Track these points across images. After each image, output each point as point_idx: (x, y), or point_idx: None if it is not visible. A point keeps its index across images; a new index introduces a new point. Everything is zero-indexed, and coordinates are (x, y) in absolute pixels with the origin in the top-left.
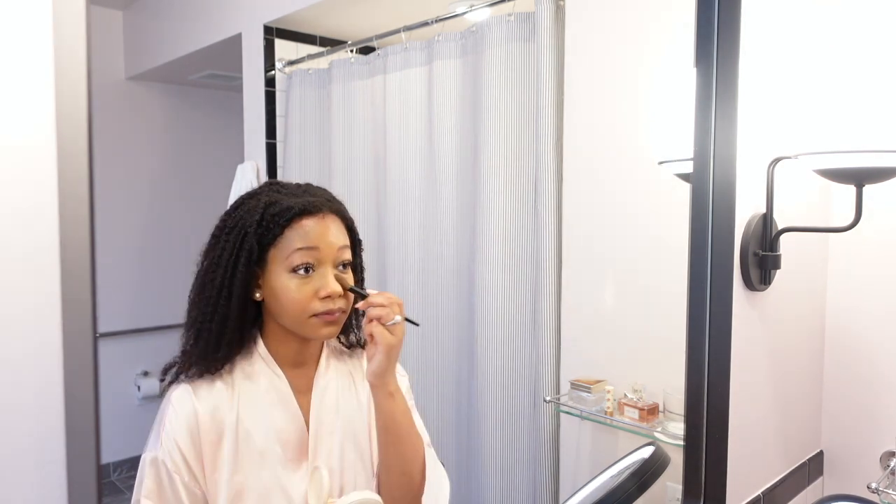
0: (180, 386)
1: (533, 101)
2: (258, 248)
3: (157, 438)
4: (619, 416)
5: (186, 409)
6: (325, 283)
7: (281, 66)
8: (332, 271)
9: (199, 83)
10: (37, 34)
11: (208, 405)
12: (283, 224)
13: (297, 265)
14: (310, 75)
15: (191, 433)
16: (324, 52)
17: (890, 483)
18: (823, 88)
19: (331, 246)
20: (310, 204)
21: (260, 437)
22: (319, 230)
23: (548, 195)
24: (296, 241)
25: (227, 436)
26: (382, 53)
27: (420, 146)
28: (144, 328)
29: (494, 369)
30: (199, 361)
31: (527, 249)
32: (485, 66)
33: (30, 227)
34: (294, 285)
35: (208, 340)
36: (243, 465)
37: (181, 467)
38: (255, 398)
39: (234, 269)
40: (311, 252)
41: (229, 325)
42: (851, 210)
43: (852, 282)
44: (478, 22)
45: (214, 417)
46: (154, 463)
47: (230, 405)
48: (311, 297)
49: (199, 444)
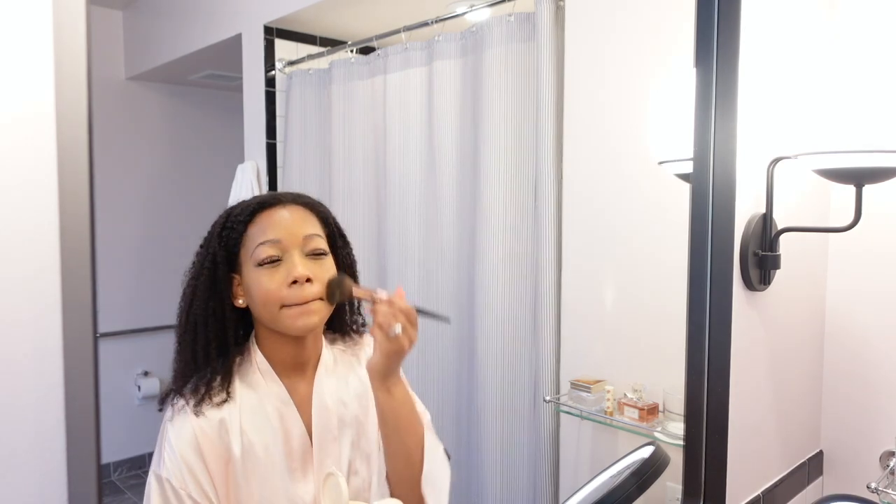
0: (179, 402)
1: (533, 101)
2: (225, 252)
3: (160, 456)
4: (619, 416)
5: (188, 425)
6: (291, 268)
7: (281, 66)
8: (299, 259)
9: (199, 83)
10: (37, 34)
11: (210, 419)
12: (244, 221)
13: (262, 259)
14: (310, 75)
15: (194, 448)
16: (324, 52)
17: (890, 483)
18: (823, 88)
19: (293, 234)
20: (269, 198)
21: (263, 449)
22: (278, 220)
23: (548, 195)
24: (258, 236)
25: (233, 449)
26: (382, 53)
27: (420, 146)
28: (144, 328)
29: (494, 369)
30: (195, 377)
31: (527, 249)
32: (485, 67)
33: (30, 228)
34: (263, 277)
35: (196, 353)
36: (250, 478)
37: (188, 483)
38: (257, 408)
39: (208, 279)
40: (275, 244)
41: (214, 334)
42: (851, 210)
43: (852, 282)
44: (478, 22)
45: (218, 431)
46: (159, 481)
47: (233, 417)
48: (279, 286)
49: (204, 458)
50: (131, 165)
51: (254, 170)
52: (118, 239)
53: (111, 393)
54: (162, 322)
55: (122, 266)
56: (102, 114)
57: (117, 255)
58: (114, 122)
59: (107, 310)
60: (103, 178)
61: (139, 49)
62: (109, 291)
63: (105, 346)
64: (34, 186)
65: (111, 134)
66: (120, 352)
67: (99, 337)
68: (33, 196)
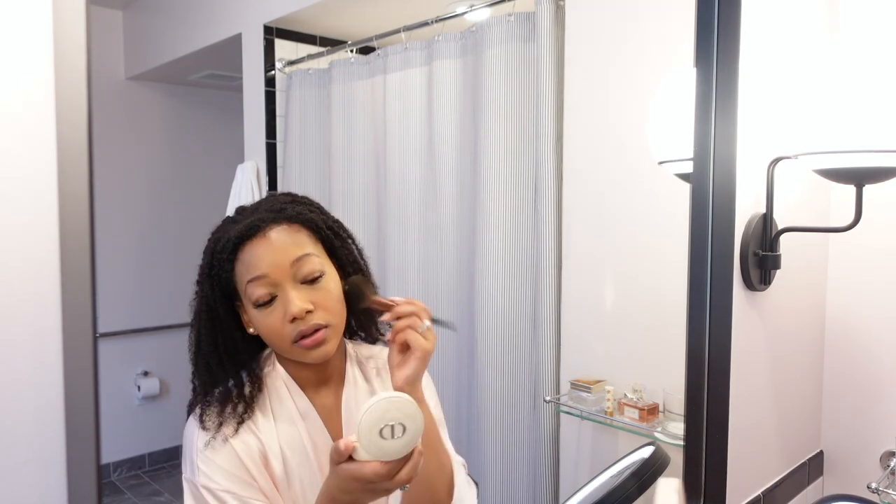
0: (207, 421)
1: (533, 101)
2: (220, 291)
3: (192, 464)
4: (619, 416)
5: (225, 446)
6: (287, 306)
7: (281, 66)
8: (292, 292)
9: (199, 83)
10: (37, 34)
11: (242, 436)
12: (229, 259)
13: (255, 300)
14: (310, 75)
15: (229, 453)
16: (324, 52)
17: (890, 483)
18: (823, 88)
19: (279, 265)
20: (248, 228)
21: (295, 465)
22: (260, 253)
23: (548, 195)
24: (244, 274)
25: (270, 457)
26: (382, 53)
27: (420, 146)
28: (144, 328)
29: (494, 369)
30: (220, 391)
31: (527, 249)
32: (485, 66)
33: (30, 228)
34: (263, 318)
35: (215, 377)
36: (293, 486)
37: (236, 484)
38: (286, 422)
39: (209, 318)
40: (262, 280)
41: (230, 362)
42: (851, 210)
43: (852, 282)
44: (478, 22)
45: (254, 446)
46: (195, 487)
47: (266, 426)
48: (281, 324)
49: (241, 460)
50: (131, 165)
51: (254, 170)
52: (118, 239)
53: (111, 393)
54: (162, 322)
55: (122, 266)
56: (102, 114)
57: (117, 255)
58: (114, 122)
59: (107, 310)
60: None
61: (139, 49)
62: (109, 291)
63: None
64: (34, 186)
65: (111, 134)
66: (120, 352)
67: (99, 337)
68: (33, 196)
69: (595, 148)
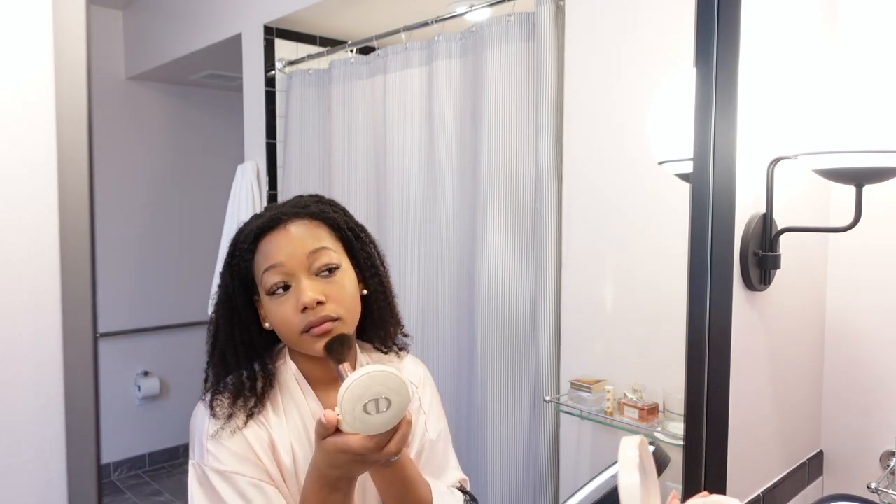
0: (218, 412)
1: (533, 101)
2: (239, 282)
3: (200, 446)
4: (619, 416)
5: (236, 436)
6: (299, 295)
7: (281, 66)
8: (306, 281)
9: (199, 83)
10: (37, 34)
11: (254, 429)
12: (249, 249)
13: (269, 288)
14: (310, 75)
15: (239, 439)
16: (324, 52)
17: (890, 483)
18: (823, 88)
19: (295, 256)
20: (270, 220)
21: (304, 458)
22: (279, 243)
23: (548, 195)
24: (262, 263)
25: (280, 449)
26: (382, 53)
27: (420, 146)
28: (144, 328)
29: (494, 369)
30: (233, 385)
31: (527, 249)
32: (485, 67)
33: (30, 228)
34: (275, 307)
35: (229, 368)
36: (301, 480)
37: (245, 466)
38: (296, 420)
39: (227, 309)
40: (278, 269)
41: (245, 357)
42: (851, 210)
43: (852, 282)
44: (478, 22)
45: (261, 428)
46: (202, 471)
47: (276, 428)
48: (293, 313)
49: (251, 445)
50: (131, 165)
51: (254, 170)
52: (118, 239)
53: (111, 393)
54: (162, 322)
55: (122, 266)
56: (102, 114)
57: (117, 255)
58: (114, 121)
59: (107, 310)
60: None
61: (139, 49)
62: (109, 291)
63: (105, 346)
64: (34, 186)
65: (111, 134)
66: (120, 352)
67: (99, 337)
68: (33, 196)
69: (595, 148)
